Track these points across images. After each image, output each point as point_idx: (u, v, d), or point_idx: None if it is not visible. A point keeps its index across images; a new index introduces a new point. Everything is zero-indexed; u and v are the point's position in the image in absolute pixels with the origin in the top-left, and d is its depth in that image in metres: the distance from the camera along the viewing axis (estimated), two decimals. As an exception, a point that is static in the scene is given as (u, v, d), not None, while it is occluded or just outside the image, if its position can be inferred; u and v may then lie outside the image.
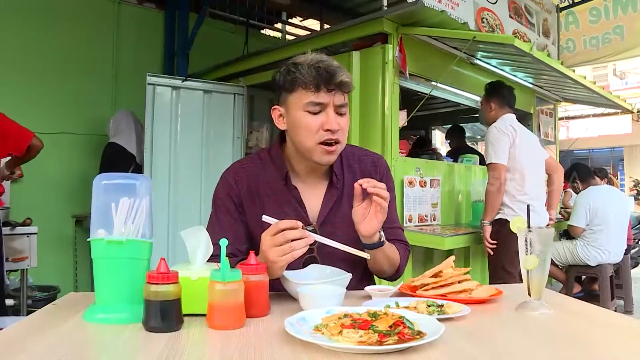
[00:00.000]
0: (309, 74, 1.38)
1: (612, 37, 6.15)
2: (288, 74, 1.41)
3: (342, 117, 1.43)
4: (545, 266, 1.24)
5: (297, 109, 1.41)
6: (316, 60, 1.40)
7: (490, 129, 3.54)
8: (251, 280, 1.16)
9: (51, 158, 4.62)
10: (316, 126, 1.40)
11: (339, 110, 1.42)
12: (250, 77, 4.87)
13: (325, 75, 1.37)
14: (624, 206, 4.82)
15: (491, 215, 3.47)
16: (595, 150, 20.33)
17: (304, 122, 1.40)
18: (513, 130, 3.47)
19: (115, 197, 1.15)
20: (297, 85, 1.40)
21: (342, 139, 1.44)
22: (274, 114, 1.50)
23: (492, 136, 3.48)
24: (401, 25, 3.60)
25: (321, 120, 1.40)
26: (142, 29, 5.75)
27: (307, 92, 1.38)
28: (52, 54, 4.99)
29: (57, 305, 1.29)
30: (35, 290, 4.41)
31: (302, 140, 1.43)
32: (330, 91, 1.39)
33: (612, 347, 1.01)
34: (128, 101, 5.20)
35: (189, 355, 0.90)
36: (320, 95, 1.38)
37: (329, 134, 1.40)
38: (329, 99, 1.39)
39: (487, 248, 3.48)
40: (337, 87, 1.39)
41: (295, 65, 1.41)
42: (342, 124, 1.42)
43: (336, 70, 1.39)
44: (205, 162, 4.80)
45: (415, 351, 0.90)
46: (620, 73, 19.47)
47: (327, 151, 1.42)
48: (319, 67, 1.38)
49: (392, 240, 1.57)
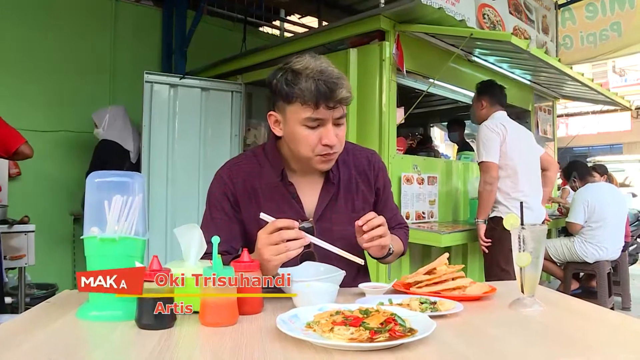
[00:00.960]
0: (308, 90, 1.34)
1: (609, 33, 6.14)
2: (286, 84, 1.37)
3: (339, 127, 1.42)
4: (539, 263, 1.24)
5: (295, 122, 1.39)
6: (316, 71, 1.35)
7: (481, 128, 3.54)
8: (244, 277, 1.15)
9: (49, 156, 4.62)
10: (314, 140, 1.39)
11: (337, 122, 1.41)
12: (248, 74, 4.87)
13: (325, 92, 1.34)
14: (621, 203, 4.82)
15: (485, 214, 3.48)
16: (595, 147, 20.31)
17: (302, 135, 1.39)
18: (503, 127, 3.46)
19: (109, 194, 1.15)
20: (295, 99, 1.36)
21: (339, 149, 1.45)
22: (270, 120, 1.48)
23: (482, 135, 3.48)
24: (398, 22, 3.59)
25: (319, 135, 1.39)
26: (140, 26, 5.74)
27: (306, 108, 1.36)
28: (49, 52, 4.98)
29: (51, 302, 1.29)
30: (33, 288, 4.41)
31: (300, 151, 1.42)
32: (329, 108, 1.36)
33: (605, 344, 1.01)
34: (125, 99, 5.20)
35: (181, 353, 0.90)
36: (319, 112, 1.36)
37: (327, 148, 1.40)
38: (328, 115, 1.37)
39: (482, 246, 3.49)
40: (337, 103, 1.37)
41: (294, 75, 1.36)
42: (340, 135, 1.42)
43: (337, 84, 1.35)
44: (203, 160, 4.80)
45: (406, 348, 0.91)
46: (619, 70, 19.47)
47: (324, 161, 1.43)
48: (319, 80, 1.34)
49: (392, 228, 1.62)
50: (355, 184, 1.58)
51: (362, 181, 1.60)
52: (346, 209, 1.55)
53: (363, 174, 1.61)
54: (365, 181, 1.60)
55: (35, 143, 3.77)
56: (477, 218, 3.52)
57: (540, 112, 5.67)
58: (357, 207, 1.56)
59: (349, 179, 1.58)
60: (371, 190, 1.61)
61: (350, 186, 1.57)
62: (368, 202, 1.60)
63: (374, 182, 1.62)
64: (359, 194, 1.58)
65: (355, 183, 1.58)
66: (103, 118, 4.56)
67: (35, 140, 3.96)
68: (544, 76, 4.74)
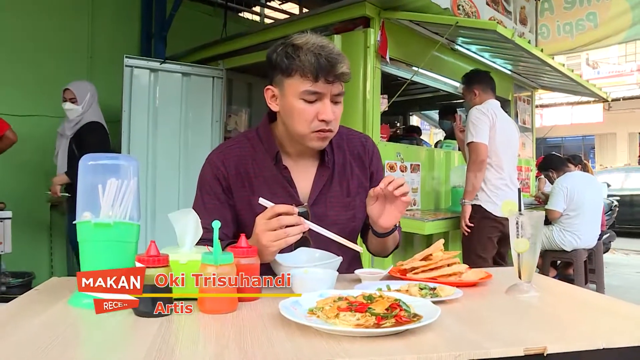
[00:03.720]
0: (308, 62, 1.33)
1: (585, 23, 6.24)
2: (286, 57, 1.36)
3: (337, 105, 1.41)
4: (536, 249, 1.25)
5: (293, 96, 1.37)
6: (317, 45, 1.35)
7: (472, 110, 3.54)
8: (242, 263, 1.13)
9: (26, 141, 4.49)
10: (311, 115, 1.37)
11: (335, 99, 1.39)
12: (229, 60, 4.80)
13: (325, 66, 1.32)
14: (598, 192, 4.92)
15: (472, 195, 3.46)
16: (568, 138, 20.70)
17: (299, 109, 1.37)
18: (494, 114, 3.48)
19: (102, 178, 1.12)
20: (294, 71, 1.35)
21: (335, 127, 1.43)
22: (267, 94, 1.46)
23: (473, 116, 3.48)
24: (383, 9, 3.57)
25: (317, 109, 1.37)
26: (119, 9, 5.60)
27: (305, 81, 1.34)
28: (25, 35, 4.82)
29: (39, 290, 1.26)
30: (9, 277, 4.31)
31: (296, 126, 1.40)
32: (328, 82, 1.35)
33: (600, 327, 1.02)
34: (104, 84, 5.04)
35: (184, 340, 0.88)
36: (318, 85, 1.34)
37: (324, 124, 1.38)
38: (326, 90, 1.36)
39: (463, 228, 3.48)
40: (337, 78, 1.35)
41: (295, 49, 1.36)
42: (337, 112, 1.40)
43: (337, 59, 1.34)
44: (184, 146, 4.74)
45: (412, 334, 0.90)
46: (592, 63, 19.80)
47: (320, 137, 1.41)
48: (320, 54, 1.33)
49: None
50: (350, 168, 1.56)
51: (356, 165, 1.58)
52: (341, 193, 1.53)
53: (358, 158, 1.59)
54: (360, 165, 1.59)
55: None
56: (463, 199, 3.50)
57: (519, 102, 5.73)
58: (352, 191, 1.55)
59: (343, 163, 1.56)
60: (366, 174, 1.59)
61: (345, 170, 1.56)
62: (363, 185, 1.57)
63: (368, 165, 1.60)
64: (353, 177, 1.56)
65: (350, 167, 1.57)
66: (85, 94, 3.98)
67: (11, 126, 3.87)
68: (523, 66, 4.78)
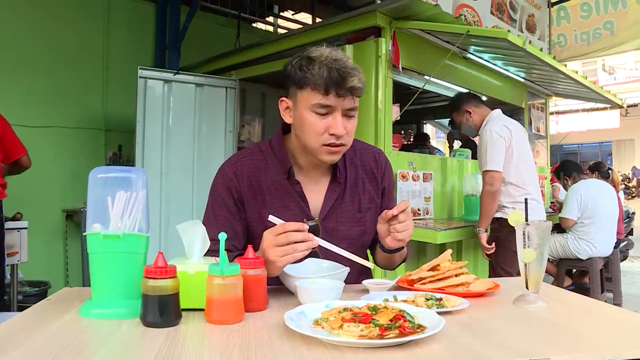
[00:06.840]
0: (319, 75, 1.33)
1: (602, 32, 6.23)
2: (299, 70, 1.36)
3: (350, 119, 1.40)
4: (543, 259, 1.24)
5: (305, 108, 1.37)
6: (331, 58, 1.35)
7: (486, 132, 3.37)
8: (249, 274, 1.15)
9: (41, 152, 4.57)
10: (322, 128, 1.37)
11: (348, 113, 1.39)
12: (242, 70, 4.83)
13: (336, 79, 1.32)
14: (613, 199, 4.85)
15: (486, 223, 3.38)
16: (584, 144, 20.50)
17: (310, 122, 1.37)
18: (508, 131, 3.33)
19: (112, 190, 1.14)
20: (306, 84, 1.35)
21: (347, 142, 1.42)
22: (281, 106, 1.47)
23: (487, 141, 3.32)
24: (394, 19, 3.58)
25: (327, 123, 1.36)
26: (133, 22, 5.69)
27: (316, 93, 1.34)
28: (42, 47, 4.92)
29: (51, 300, 1.28)
30: (25, 286, 4.37)
31: (307, 139, 1.40)
32: (339, 96, 1.34)
33: (610, 339, 1.01)
34: (119, 94, 5.17)
35: (189, 350, 0.89)
36: (329, 99, 1.34)
37: (334, 138, 1.37)
38: (338, 103, 1.35)
39: (485, 253, 3.44)
40: (348, 91, 1.35)
41: (309, 61, 1.36)
42: (348, 127, 1.39)
43: (349, 73, 1.33)
44: (198, 156, 4.77)
45: (416, 345, 0.90)
46: (609, 68, 19.65)
47: (330, 152, 1.40)
48: (332, 68, 1.33)
49: None
50: (362, 184, 1.56)
51: (369, 180, 1.57)
52: (352, 209, 1.53)
53: (370, 173, 1.58)
54: (372, 180, 1.58)
55: (27, 139, 3.75)
56: (478, 227, 3.43)
57: (533, 110, 5.69)
58: (363, 207, 1.54)
59: (355, 178, 1.55)
60: (377, 190, 1.58)
61: (357, 185, 1.55)
62: (374, 201, 1.57)
63: (380, 180, 1.59)
64: (365, 193, 1.55)
65: (362, 183, 1.56)
66: None
67: (27, 136, 3.93)
68: (537, 73, 4.75)
